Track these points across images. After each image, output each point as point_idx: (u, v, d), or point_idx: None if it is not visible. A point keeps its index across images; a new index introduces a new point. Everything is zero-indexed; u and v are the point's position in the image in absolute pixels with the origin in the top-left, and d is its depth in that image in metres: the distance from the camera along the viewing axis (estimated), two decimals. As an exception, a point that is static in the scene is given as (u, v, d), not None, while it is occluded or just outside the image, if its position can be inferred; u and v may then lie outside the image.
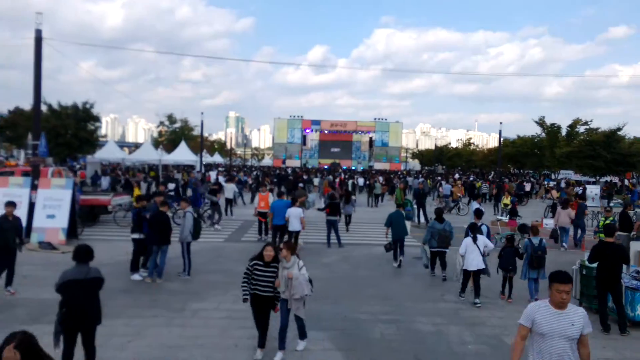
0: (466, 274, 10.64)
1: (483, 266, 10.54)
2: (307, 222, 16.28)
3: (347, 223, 20.38)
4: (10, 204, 10.33)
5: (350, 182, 35.20)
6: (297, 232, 14.91)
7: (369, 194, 32.47)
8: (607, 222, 14.38)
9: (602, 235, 13.95)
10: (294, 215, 14.65)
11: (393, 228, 13.73)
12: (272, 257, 7.27)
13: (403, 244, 13.95)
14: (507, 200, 24.50)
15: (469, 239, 10.73)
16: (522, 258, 10.79)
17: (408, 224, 15.21)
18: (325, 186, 30.68)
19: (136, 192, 19.51)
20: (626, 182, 49.08)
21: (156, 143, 62.98)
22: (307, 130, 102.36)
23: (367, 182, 36.63)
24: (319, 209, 18.59)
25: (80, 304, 6.03)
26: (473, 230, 10.99)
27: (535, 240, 10.62)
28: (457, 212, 27.21)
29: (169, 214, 13.53)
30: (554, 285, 4.73)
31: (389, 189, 34.71)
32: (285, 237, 14.68)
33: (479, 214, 12.75)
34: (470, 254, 10.53)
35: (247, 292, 7.29)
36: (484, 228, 12.10)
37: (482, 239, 10.76)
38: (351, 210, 20.67)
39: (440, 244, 12.41)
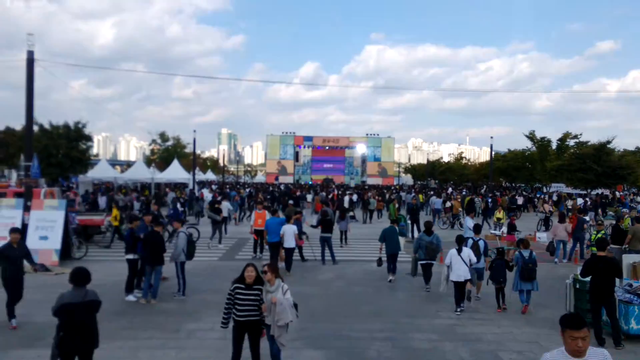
0: (455, 285, 10.96)
1: (469, 276, 10.98)
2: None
3: (342, 239, 20.73)
4: (16, 231, 9.89)
5: (347, 198, 35.05)
6: (293, 249, 14.97)
7: (364, 210, 32.30)
8: (599, 235, 14.49)
9: (594, 248, 14.02)
10: (289, 233, 14.71)
11: (387, 243, 13.93)
12: (254, 278, 6.83)
13: (396, 259, 14.11)
14: (500, 214, 24.50)
15: (454, 251, 11.16)
16: (512, 270, 11.11)
17: (402, 239, 15.33)
18: (317, 202, 30.66)
19: (114, 212, 19.30)
20: (617, 194, 49.45)
21: (148, 161, 62.96)
22: (300, 147, 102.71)
23: (361, 198, 36.16)
24: (312, 226, 18.61)
25: (77, 327, 6.00)
26: (459, 242, 11.34)
27: (526, 253, 10.91)
28: (458, 227, 27.13)
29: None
30: (567, 331, 4.06)
31: (384, 204, 34.55)
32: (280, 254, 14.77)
33: (477, 229, 13.14)
34: (455, 264, 10.94)
35: (227, 318, 6.96)
36: (481, 243, 12.36)
37: (466, 250, 11.18)
38: (345, 227, 20.77)
39: (428, 256, 12.83)
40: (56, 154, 38.96)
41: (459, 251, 11.10)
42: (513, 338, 9.26)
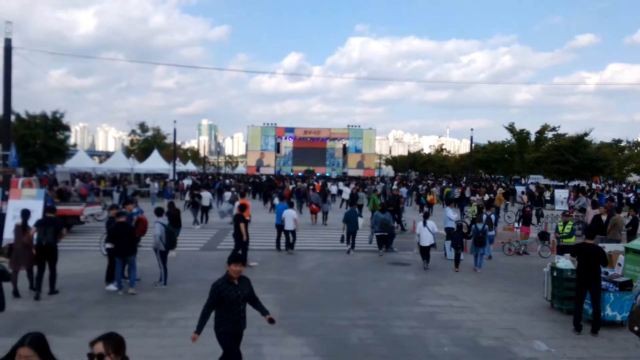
0: (421, 248, 14.43)
1: (433, 242, 14.42)
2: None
3: (325, 219, 25.09)
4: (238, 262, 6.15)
5: (347, 189, 34.54)
6: (293, 231, 16.43)
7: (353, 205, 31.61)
8: (568, 226, 14.43)
9: (564, 240, 14.15)
10: (289, 217, 16.28)
11: (348, 224, 16.70)
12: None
13: (355, 236, 16.91)
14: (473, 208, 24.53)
15: (420, 223, 14.73)
16: (469, 239, 14.53)
17: (360, 220, 18.39)
18: (287, 189, 32.30)
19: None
20: (594, 185, 50.27)
21: (128, 152, 62.23)
22: (281, 138, 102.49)
23: (351, 192, 33.17)
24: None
25: None
26: (425, 217, 15.06)
27: (480, 226, 14.22)
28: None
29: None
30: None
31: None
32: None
33: (489, 205, 18.57)
34: (422, 233, 14.37)
35: None
36: (492, 217, 16.56)
37: (430, 223, 14.59)
38: (327, 208, 25.64)
39: (381, 229, 16.30)
40: (33, 143, 38.25)
41: (424, 224, 14.50)
42: (492, 325, 9.41)
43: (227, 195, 26.70)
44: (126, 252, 11.11)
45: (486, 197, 32.01)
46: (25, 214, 11.17)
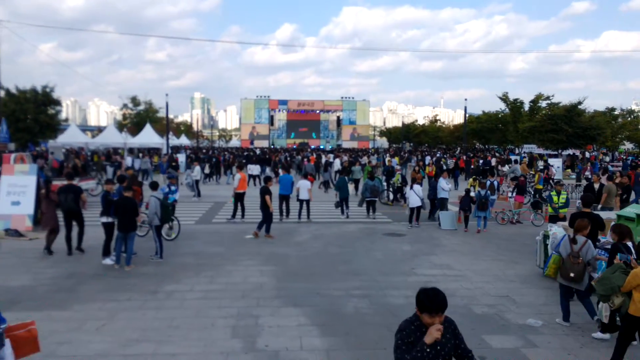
0: (410, 210, 16.35)
1: (420, 204, 16.28)
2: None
3: (327, 187, 27.12)
4: None
5: (338, 161, 34.63)
6: (307, 201, 17.30)
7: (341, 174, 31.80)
8: (563, 196, 14.08)
9: (561, 210, 14.04)
10: (303, 187, 17.26)
11: (340, 191, 18.47)
12: None
13: (348, 201, 18.60)
14: (472, 182, 24.43)
15: (408, 187, 17.17)
16: (474, 203, 15.73)
17: (351, 187, 20.61)
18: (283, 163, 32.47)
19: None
20: (587, 154, 50.44)
21: (120, 126, 61.80)
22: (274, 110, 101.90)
23: (342, 165, 32.23)
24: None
25: None
26: (413, 181, 17.09)
27: (482, 192, 15.59)
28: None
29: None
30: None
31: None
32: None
33: (492, 172, 22.45)
34: (411, 197, 16.27)
35: None
36: (495, 183, 18.74)
37: (416, 187, 16.36)
38: (328, 177, 28.09)
39: (372, 195, 18.25)
40: (24, 118, 37.92)
41: (412, 187, 16.41)
42: (485, 293, 9.54)
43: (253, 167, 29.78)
44: (130, 228, 11.12)
45: (507, 167, 32.72)
46: (48, 182, 13.82)
